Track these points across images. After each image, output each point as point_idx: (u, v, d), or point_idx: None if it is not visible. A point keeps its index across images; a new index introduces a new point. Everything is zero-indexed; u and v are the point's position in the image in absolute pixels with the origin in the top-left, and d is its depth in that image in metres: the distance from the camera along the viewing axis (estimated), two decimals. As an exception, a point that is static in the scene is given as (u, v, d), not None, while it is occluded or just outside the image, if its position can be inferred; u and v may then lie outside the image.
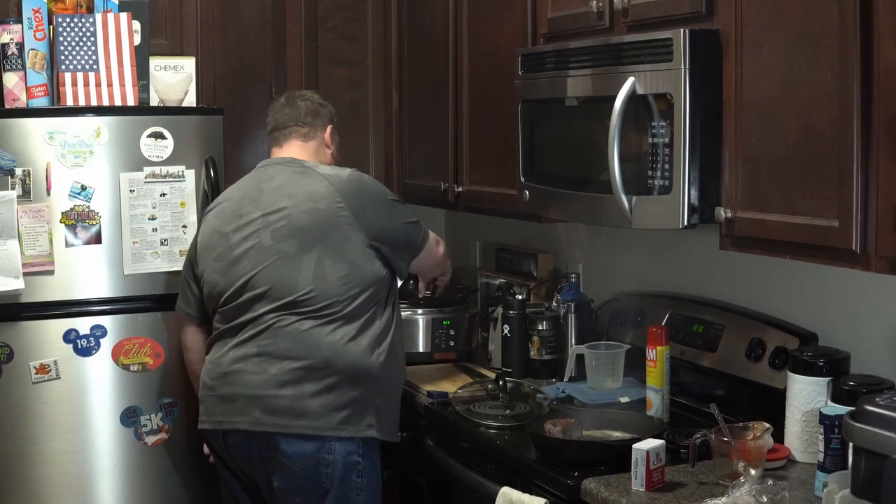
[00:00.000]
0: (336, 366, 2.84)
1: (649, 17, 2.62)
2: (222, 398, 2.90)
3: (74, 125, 3.31)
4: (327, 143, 3.21)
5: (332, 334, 2.86)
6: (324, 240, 2.90)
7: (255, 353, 2.87)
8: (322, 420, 2.82)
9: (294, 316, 2.86)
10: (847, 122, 2.09)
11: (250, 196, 3.02)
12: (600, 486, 2.38)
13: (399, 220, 3.02)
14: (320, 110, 3.21)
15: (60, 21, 3.42)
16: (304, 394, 2.82)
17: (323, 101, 3.26)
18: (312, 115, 3.20)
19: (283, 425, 2.81)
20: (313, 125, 3.18)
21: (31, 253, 3.27)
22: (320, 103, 3.24)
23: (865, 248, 2.09)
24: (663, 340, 2.84)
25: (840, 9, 2.09)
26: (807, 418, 2.47)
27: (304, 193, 2.95)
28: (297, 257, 2.89)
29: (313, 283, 2.87)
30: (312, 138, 3.17)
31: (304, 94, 3.28)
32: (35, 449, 3.32)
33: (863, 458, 1.86)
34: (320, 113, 3.21)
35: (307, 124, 3.17)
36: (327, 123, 3.22)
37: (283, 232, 2.92)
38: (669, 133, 2.45)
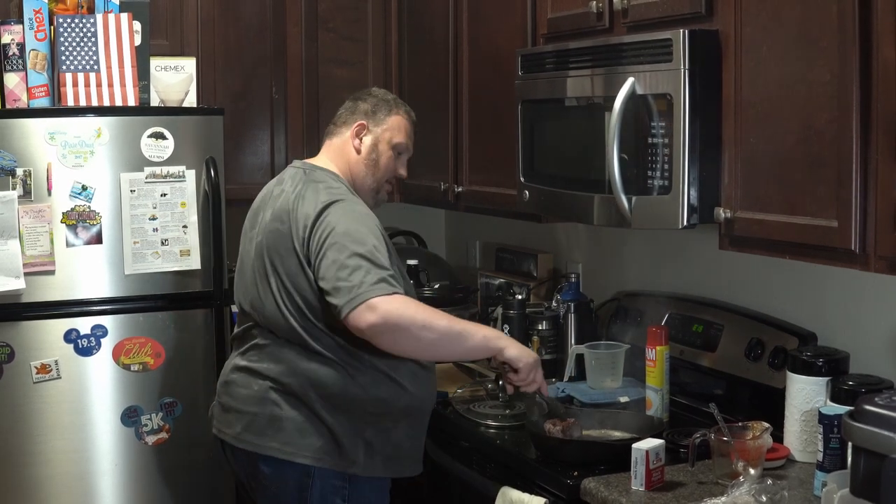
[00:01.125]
0: (314, 392, 2.61)
1: (649, 17, 2.62)
2: (222, 406, 2.78)
3: (75, 125, 3.31)
4: (352, 142, 2.81)
5: (311, 360, 2.62)
6: (277, 267, 2.65)
7: (245, 367, 2.72)
8: (298, 446, 2.61)
9: (272, 336, 2.67)
10: (846, 122, 2.09)
11: (264, 198, 2.83)
12: (600, 486, 2.38)
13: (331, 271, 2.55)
14: (359, 104, 2.85)
15: (61, 21, 3.42)
16: (282, 416, 2.62)
17: (376, 94, 2.88)
18: (350, 111, 2.86)
19: (261, 445, 2.64)
20: (345, 122, 2.85)
21: (31, 253, 3.27)
22: (366, 97, 2.87)
23: (864, 248, 2.09)
24: (663, 340, 2.84)
25: (839, 9, 2.09)
26: (806, 418, 2.48)
27: (278, 209, 2.70)
28: (263, 280, 2.69)
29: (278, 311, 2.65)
30: (337, 137, 2.85)
31: (371, 90, 2.93)
32: (36, 448, 3.32)
33: (862, 458, 1.86)
34: (358, 107, 2.85)
35: (341, 123, 2.86)
36: (359, 118, 2.83)
37: (257, 249, 2.72)
38: (669, 133, 2.45)
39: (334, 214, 2.58)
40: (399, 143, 2.84)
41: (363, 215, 2.64)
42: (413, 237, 4.36)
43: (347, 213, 2.60)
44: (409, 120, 2.88)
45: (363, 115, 2.82)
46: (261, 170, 3.95)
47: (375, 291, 2.46)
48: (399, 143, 2.84)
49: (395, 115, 2.84)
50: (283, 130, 3.97)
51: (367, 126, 2.81)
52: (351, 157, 2.81)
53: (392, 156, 2.83)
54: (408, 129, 2.87)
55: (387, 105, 2.84)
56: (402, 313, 2.47)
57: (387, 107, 2.84)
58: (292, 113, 3.97)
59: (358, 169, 2.80)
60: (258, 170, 3.95)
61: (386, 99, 2.87)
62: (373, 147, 2.80)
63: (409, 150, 2.88)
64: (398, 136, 2.84)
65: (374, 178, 2.82)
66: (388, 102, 2.85)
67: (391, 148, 2.82)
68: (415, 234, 4.36)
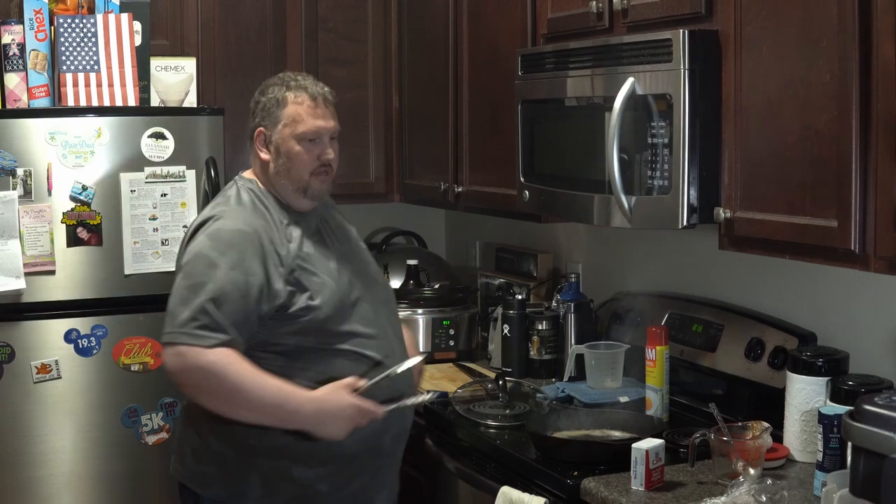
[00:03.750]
0: (205, 416, 2.46)
1: (649, 17, 2.62)
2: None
3: (75, 125, 3.32)
4: (259, 154, 2.57)
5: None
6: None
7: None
8: (192, 471, 2.53)
9: None
10: (846, 122, 2.09)
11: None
12: (600, 486, 2.38)
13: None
14: (253, 106, 2.60)
15: (61, 22, 3.42)
16: (184, 439, 2.58)
17: (266, 87, 2.58)
18: (250, 116, 2.61)
19: (175, 468, 2.60)
20: (249, 134, 2.62)
21: (32, 253, 3.27)
22: (258, 95, 2.60)
23: (864, 248, 2.09)
24: (663, 340, 2.84)
25: (839, 9, 2.09)
26: (806, 418, 2.48)
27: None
28: None
29: None
30: (250, 149, 2.63)
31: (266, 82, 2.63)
32: (36, 448, 3.32)
33: (861, 458, 1.87)
34: (254, 110, 2.60)
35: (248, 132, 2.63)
36: (256, 124, 2.58)
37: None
38: (669, 133, 2.45)
39: (195, 240, 2.46)
40: (305, 132, 2.51)
41: (228, 238, 2.43)
42: (413, 237, 4.36)
43: (211, 236, 2.43)
44: (305, 96, 2.52)
45: (259, 120, 2.57)
46: (261, 170, 3.95)
47: (190, 339, 2.33)
48: (304, 132, 2.51)
49: (287, 106, 2.52)
50: (283, 130, 3.96)
51: (265, 131, 2.55)
52: (265, 167, 2.58)
53: (302, 149, 2.52)
54: (308, 108, 2.51)
55: (276, 100, 2.53)
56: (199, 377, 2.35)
57: (277, 101, 2.53)
58: (292, 113, 3.96)
59: (276, 179, 2.55)
60: (258, 170, 3.95)
61: (274, 94, 2.54)
62: (277, 152, 2.54)
63: (320, 131, 2.53)
64: (300, 125, 2.51)
65: (293, 178, 2.53)
66: (275, 96, 2.53)
67: (298, 142, 2.52)
68: (415, 234, 4.37)
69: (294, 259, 2.47)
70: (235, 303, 2.37)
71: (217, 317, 2.34)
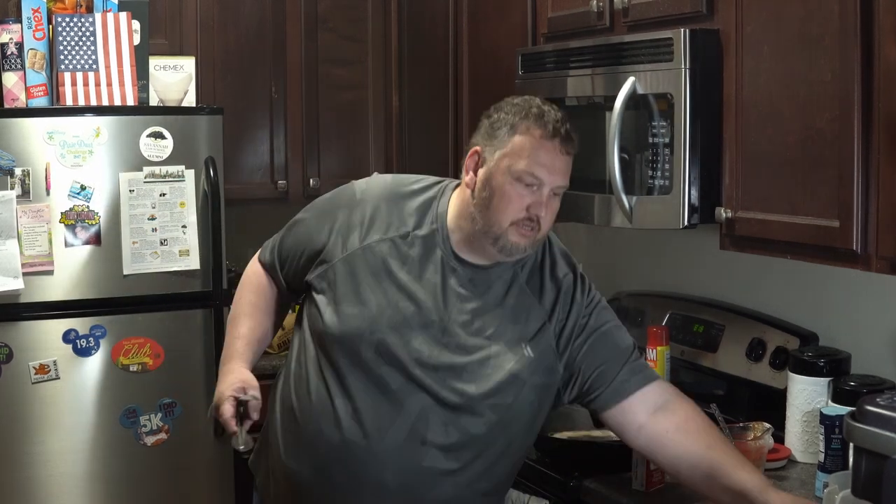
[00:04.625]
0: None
1: (649, 16, 2.61)
2: None
3: (74, 125, 3.31)
4: (465, 169, 2.18)
5: None
6: None
7: None
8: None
9: None
10: (848, 121, 2.08)
11: None
12: (601, 487, 2.38)
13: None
14: (482, 122, 2.20)
15: (60, 21, 3.42)
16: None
17: (502, 105, 2.19)
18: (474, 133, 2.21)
19: None
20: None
21: (30, 253, 3.26)
22: (493, 111, 2.19)
23: (866, 249, 2.09)
24: (663, 340, 2.84)
25: (841, 8, 2.08)
26: (807, 418, 2.47)
27: None
28: None
29: None
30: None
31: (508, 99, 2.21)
32: (34, 449, 3.31)
33: (863, 459, 1.86)
34: (479, 127, 2.20)
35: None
36: (476, 141, 2.17)
37: None
38: (670, 133, 2.45)
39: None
40: (523, 172, 2.09)
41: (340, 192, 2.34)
42: (413, 237, 4.35)
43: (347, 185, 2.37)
44: (546, 132, 2.11)
45: (480, 138, 2.17)
46: (260, 170, 3.95)
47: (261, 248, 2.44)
48: (523, 171, 2.09)
49: (518, 133, 2.11)
50: (282, 130, 3.96)
51: (481, 152, 2.15)
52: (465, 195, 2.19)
53: (513, 190, 2.10)
54: (542, 147, 2.10)
55: (509, 123, 2.13)
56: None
57: (511, 125, 2.13)
58: (292, 113, 3.96)
59: (469, 210, 2.17)
60: (257, 170, 3.95)
61: (510, 116, 2.14)
62: (485, 181, 2.12)
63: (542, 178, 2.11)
64: (521, 161, 2.09)
65: (487, 220, 2.12)
66: (510, 119, 2.14)
67: (513, 179, 2.09)
68: (415, 234, 4.35)
69: (359, 258, 2.16)
70: (293, 243, 2.33)
71: (277, 241, 2.38)
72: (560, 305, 2.20)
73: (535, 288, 2.20)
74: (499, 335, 2.14)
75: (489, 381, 2.11)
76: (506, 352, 2.13)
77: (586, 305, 2.23)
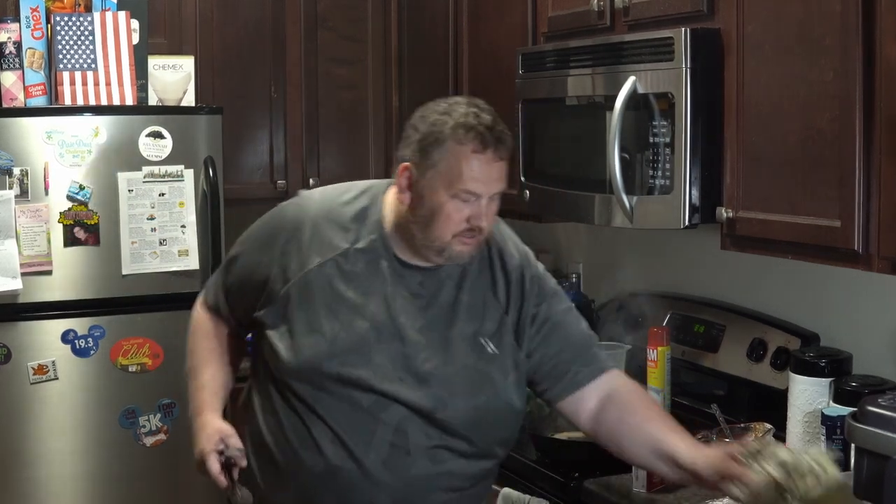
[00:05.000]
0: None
1: (650, 16, 2.61)
2: None
3: (73, 124, 3.30)
4: (399, 185, 2.07)
5: None
6: None
7: None
8: None
9: None
10: (849, 121, 2.08)
11: None
12: (601, 488, 2.37)
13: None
14: (410, 134, 2.07)
15: (58, 20, 3.41)
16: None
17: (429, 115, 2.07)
18: (402, 141, 2.10)
19: None
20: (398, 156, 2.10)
21: (28, 253, 3.26)
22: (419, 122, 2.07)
23: (867, 249, 2.08)
24: (664, 341, 2.83)
25: (842, 8, 2.08)
26: (808, 419, 2.46)
27: None
28: None
29: None
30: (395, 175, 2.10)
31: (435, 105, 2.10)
32: (33, 449, 3.31)
33: (865, 459, 1.86)
34: (408, 138, 2.07)
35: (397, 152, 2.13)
36: (405, 157, 2.06)
37: None
38: (670, 133, 2.44)
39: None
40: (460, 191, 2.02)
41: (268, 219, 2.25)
42: (413, 237, 4.35)
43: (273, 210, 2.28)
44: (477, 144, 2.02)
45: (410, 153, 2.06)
46: (259, 169, 3.94)
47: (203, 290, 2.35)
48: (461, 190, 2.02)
49: (449, 149, 2.02)
50: (282, 130, 3.96)
51: (411, 170, 2.05)
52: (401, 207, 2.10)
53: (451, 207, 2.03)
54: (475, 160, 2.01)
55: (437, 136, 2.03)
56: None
57: (438, 138, 2.02)
58: (291, 112, 3.96)
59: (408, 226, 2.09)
60: (257, 169, 3.94)
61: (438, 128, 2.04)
62: (420, 200, 2.04)
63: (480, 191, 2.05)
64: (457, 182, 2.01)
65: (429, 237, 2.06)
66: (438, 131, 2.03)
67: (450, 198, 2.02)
68: (414, 234, 4.35)
69: (307, 284, 2.09)
70: (235, 278, 2.24)
71: (218, 280, 2.29)
72: (513, 297, 2.15)
73: (487, 281, 2.15)
74: (458, 335, 2.09)
75: (457, 381, 2.07)
76: (469, 351, 2.09)
77: (536, 295, 2.17)
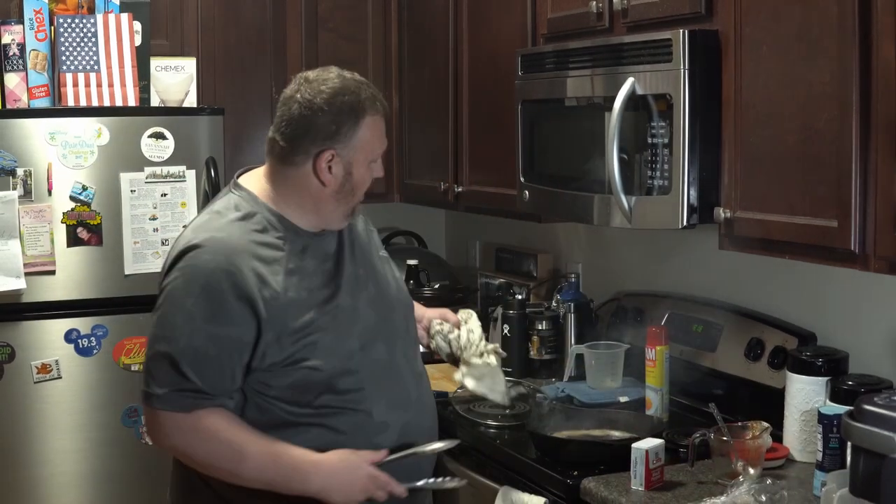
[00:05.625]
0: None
1: (649, 17, 2.62)
2: None
3: (75, 125, 3.32)
4: (316, 171, 2.17)
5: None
6: None
7: None
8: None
9: None
10: (846, 122, 2.09)
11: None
12: (600, 486, 2.38)
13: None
14: (319, 120, 2.15)
15: (61, 22, 3.43)
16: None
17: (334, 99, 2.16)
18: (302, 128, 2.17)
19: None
20: (298, 144, 2.18)
21: (32, 253, 3.27)
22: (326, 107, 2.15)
23: (864, 248, 2.09)
24: (662, 340, 2.84)
25: (839, 9, 2.09)
26: (805, 418, 2.48)
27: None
28: None
29: None
30: (289, 164, 2.20)
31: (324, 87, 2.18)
32: (36, 448, 3.32)
33: (861, 458, 1.87)
34: (316, 125, 2.16)
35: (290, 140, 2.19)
36: (324, 143, 2.16)
37: None
38: (669, 133, 2.45)
39: (171, 276, 2.17)
40: (376, 157, 2.25)
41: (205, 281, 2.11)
42: (413, 237, 4.36)
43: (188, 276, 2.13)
44: (379, 117, 2.22)
45: (329, 141, 2.16)
46: (261, 170, 3.95)
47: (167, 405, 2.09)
48: (376, 156, 2.25)
49: (362, 128, 2.18)
50: (283, 130, 3.96)
51: (336, 154, 2.17)
52: (299, 187, 2.20)
53: (369, 172, 2.25)
54: (380, 128, 2.24)
55: (351, 117, 2.16)
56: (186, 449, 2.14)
57: (353, 120, 2.17)
58: (292, 113, 3.96)
59: (327, 202, 2.22)
60: (258, 170, 3.95)
61: (347, 111, 2.17)
62: (346, 176, 2.20)
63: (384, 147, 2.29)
64: (375, 151, 2.23)
65: (350, 202, 2.25)
66: (349, 114, 2.16)
67: (367, 166, 2.23)
68: (415, 234, 4.37)
69: (287, 303, 2.12)
70: (213, 359, 2.09)
71: (194, 379, 2.08)
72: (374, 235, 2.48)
73: (361, 230, 2.42)
74: (378, 267, 2.38)
75: (400, 296, 2.40)
76: (393, 277, 2.41)
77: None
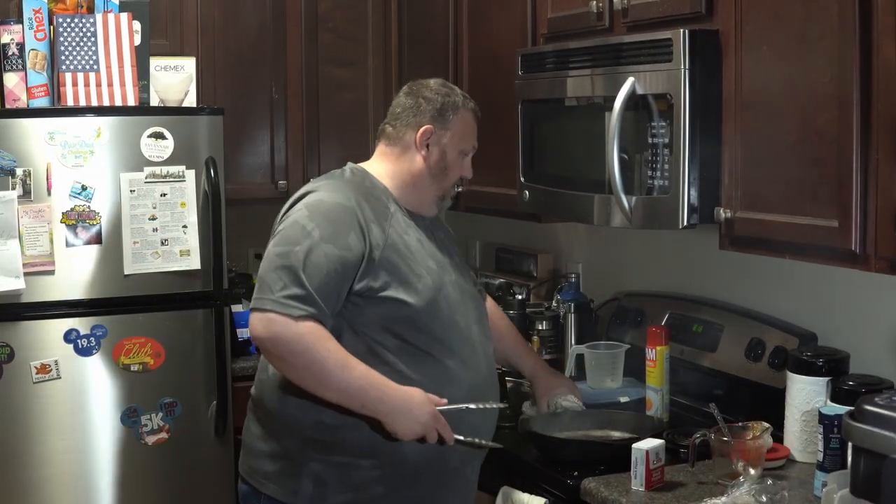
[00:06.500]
0: (255, 408, 2.50)
1: (649, 17, 2.62)
2: None
3: (75, 125, 3.31)
4: (417, 145, 2.51)
5: (263, 371, 2.49)
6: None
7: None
8: (254, 464, 2.47)
9: None
10: (846, 122, 2.09)
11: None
12: (600, 486, 2.38)
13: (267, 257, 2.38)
14: (423, 105, 2.52)
15: (61, 21, 3.42)
16: (250, 431, 2.51)
17: (438, 91, 2.54)
18: (409, 112, 2.53)
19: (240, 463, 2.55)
20: (405, 124, 2.53)
21: (31, 253, 3.27)
22: (431, 95, 2.53)
23: (865, 248, 2.09)
24: (663, 340, 2.84)
25: (839, 9, 2.09)
26: (806, 418, 2.47)
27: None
28: None
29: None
30: (396, 142, 2.55)
31: (429, 84, 2.57)
32: (35, 449, 3.32)
33: (862, 458, 1.86)
34: (421, 108, 2.52)
35: (398, 122, 2.54)
36: (425, 122, 2.51)
37: None
38: (669, 133, 2.45)
39: (294, 209, 2.41)
40: (466, 148, 2.57)
41: (326, 210, 2.38)
42: (413, 237, 4.36)
43: (310, 206, 2.39)
44: (472, 113, 2.59)
45: (429, 118, 2.52)
46: (260, 170, 3.96)
47: (279, 307, 2.28)
48: (467, 147, 2.57)
49: (460, 115, 2.54)
50: (282, 130, 3.97)
51: (434, 130, 2.51)
52: (402, 165, 2.53)
53: (460, 161, 2.56)
54: (474, 124, 2.59)
55: (452, 104, 2.53)
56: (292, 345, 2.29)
57: (454, 106, 2.53)
58: (292, 113, 3.97)
59: (420, 179, 2.53)
60: (258, 170, 3.95)
61: (450, 99, 2.54)
62: (440, 155, 2.52)
63: (473, 150, 2.61)
64: (467, 139, 2.56)
65: (441, 185, 2.56)
66: (452, 101, 2.53)
67: (459, 153, 2.55)
68: (415, 234, 4.36)
69: (392, 244, 2.39)
70: (326, 276, 2.30)
71: (308, 288, 2.28)
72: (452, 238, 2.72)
73: (444, 235, 2.67)
74: (459, 263, 2.63)
75: (478, 297, 2.65)
76: (469, 276, 2.67)
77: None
